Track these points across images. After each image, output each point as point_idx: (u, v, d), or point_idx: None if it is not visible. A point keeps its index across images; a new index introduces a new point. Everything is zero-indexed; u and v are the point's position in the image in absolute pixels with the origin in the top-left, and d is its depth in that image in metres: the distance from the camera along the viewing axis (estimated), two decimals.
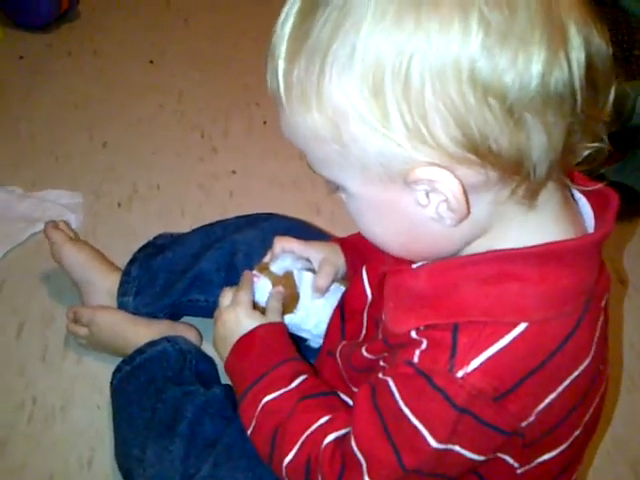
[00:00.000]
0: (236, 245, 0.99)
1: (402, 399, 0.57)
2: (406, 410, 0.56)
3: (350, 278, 0.86)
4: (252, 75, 1.65)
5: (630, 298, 1.19)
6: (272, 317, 0.81)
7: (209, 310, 0.93)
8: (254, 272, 0.84)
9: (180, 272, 1.00)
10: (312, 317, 0.85)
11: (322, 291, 0.84)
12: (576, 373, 0.56)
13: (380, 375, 0.60)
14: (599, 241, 0.56)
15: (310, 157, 0.55)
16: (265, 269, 0.84)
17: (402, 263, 0.61)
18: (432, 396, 0.54)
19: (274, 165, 1.42)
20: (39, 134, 1.45)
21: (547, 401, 0.56)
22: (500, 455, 0.59)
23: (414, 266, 0.59)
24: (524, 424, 0.56)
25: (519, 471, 0.61)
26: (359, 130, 0.49)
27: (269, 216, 1.07)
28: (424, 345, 0.55)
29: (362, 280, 0.78)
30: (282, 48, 0.51)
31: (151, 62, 1.70)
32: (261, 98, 1.58)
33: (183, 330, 1.01)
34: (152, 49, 1.74)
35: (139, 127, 1.50)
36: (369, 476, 0.61)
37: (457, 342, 0.53)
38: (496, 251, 0.54)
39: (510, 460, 0.60)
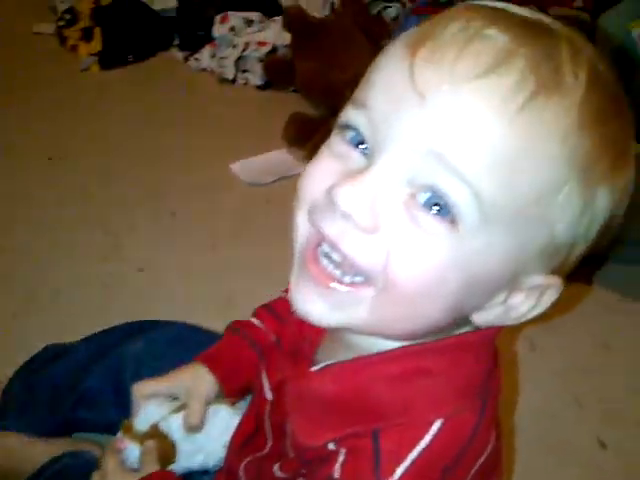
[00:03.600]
0: (123, 360, 0.92)
1: None
2: None
3: (229, 392, 0.79)
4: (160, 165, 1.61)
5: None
6: (148, 468, 0.73)
7: (100, 427, 0.92)
8: (118, 437, 0.77)
9: (67, 388, 0.93)
10: (197, 455, 0.77)
11: (196, 429, 0.76)
12: (485, 455, 0.56)
13: None
14: (496, 334, 0.55)
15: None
16: (129, 430, 0.77)
17: (298, 366, 0.58)
18: None
19: (183, 258, 1.36)
20: None
21: None
22: None
23: (313, 369, 0.56)
24: None
25: None
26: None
27: (154, 324, 0.99)
28: (342, 456, 0.53)
29: (262, 383, 0.71)
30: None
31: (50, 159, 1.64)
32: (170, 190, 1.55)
33: (84, 446, 0.93)
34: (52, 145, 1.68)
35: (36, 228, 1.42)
36: None
37: (379, 449, 0.52)
38: (406, 347, 0.53)
39: None
